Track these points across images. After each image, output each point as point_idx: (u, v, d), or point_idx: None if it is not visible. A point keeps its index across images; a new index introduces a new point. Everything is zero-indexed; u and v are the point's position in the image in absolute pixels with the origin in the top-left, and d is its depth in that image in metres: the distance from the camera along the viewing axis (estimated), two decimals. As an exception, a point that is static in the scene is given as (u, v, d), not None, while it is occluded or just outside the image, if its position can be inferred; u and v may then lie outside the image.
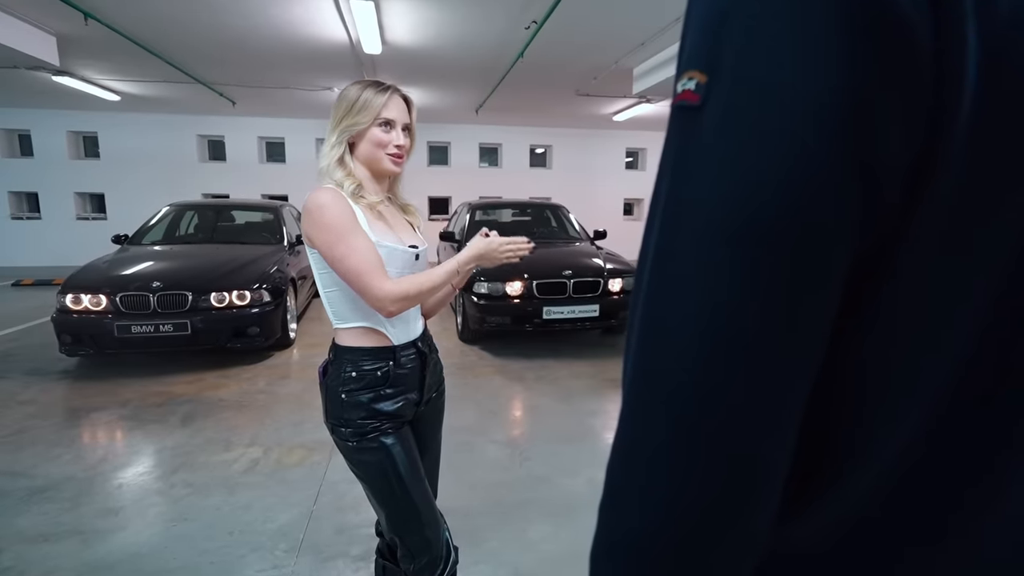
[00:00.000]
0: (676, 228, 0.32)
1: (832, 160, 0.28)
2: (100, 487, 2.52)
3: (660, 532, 0.34)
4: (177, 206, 5.91)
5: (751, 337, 0.30)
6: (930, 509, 0.36)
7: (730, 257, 0.30)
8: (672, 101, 0.33)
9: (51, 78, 6.86)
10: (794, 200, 0.29)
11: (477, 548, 2.03)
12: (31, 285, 8.17)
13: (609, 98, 8.47)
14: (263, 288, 4.34)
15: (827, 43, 0.27)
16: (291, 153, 11.14)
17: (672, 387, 0.32)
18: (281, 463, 2.74)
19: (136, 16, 5.12)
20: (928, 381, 0.34)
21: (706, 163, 0.31)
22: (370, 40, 5.46)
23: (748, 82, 0.29)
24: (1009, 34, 0.28)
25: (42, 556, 2.01)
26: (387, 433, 1.24)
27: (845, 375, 0.34)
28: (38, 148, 10.29)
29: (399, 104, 1.26)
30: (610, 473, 0.36)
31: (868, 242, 0.31)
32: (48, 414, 3.38)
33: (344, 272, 1.17)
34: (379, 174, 1.30)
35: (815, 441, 0.36)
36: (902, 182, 0.29)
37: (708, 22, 0.31)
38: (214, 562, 1.98)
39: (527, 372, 4.26)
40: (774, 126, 0.28)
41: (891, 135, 0.28)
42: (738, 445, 0.32)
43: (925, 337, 0.33)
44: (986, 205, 0.30)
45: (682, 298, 0.32)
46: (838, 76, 0.27)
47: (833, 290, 0.31)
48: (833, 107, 0.27)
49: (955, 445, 0.35)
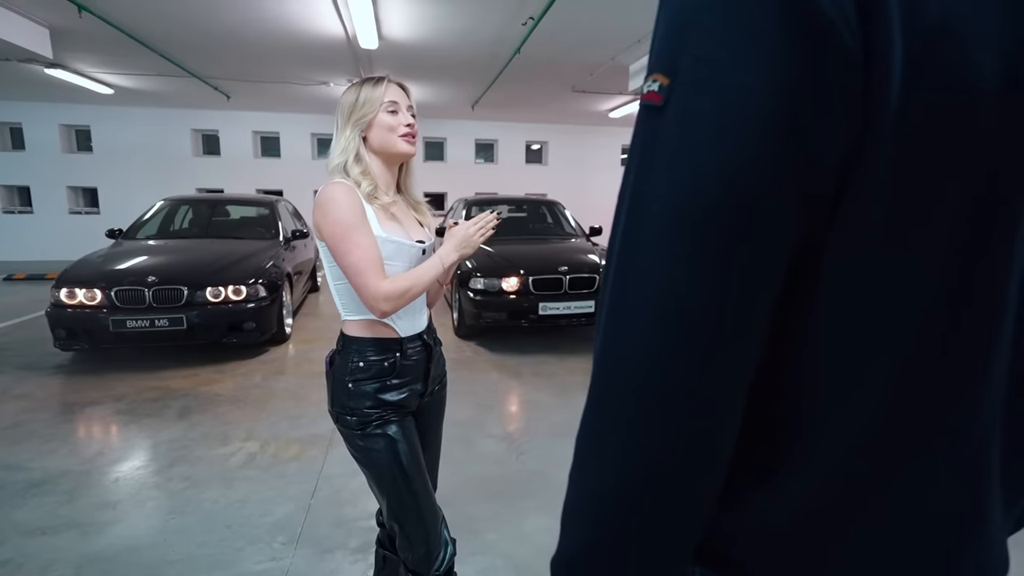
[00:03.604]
0: (639, 217, 0.36)
1: (771, 154, 0.32)
2: (97, 480, 2.52)
3: (620, 496, 0.37)
4: (172, 200, 5.88)
5: (702, 316, 0.34)
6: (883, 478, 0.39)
7: (685, 244, 0.33)
8: (640, 100, 0.37)
9: (43, 71, 6.79)
10: (740, 191, 0.32)
11: (474, 540, 2.05)
12: (23, 279, 8.11)
13: (605, 94, 8.48)
14: (259, 283, 4.33)
15: (766, 50, 0.31)
16: (286, 148, 11.09)
17: (633, 363, 0.36)
18: (278, 457, 2.75)
19: (130, 8, 5.08)
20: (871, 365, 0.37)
21: (665, 157, 0.34)
22: (367, 35, 5.44)
23: (702, 84, 0.33)
24: (934, 39, 0.31)
25: (41, 548, 2.02)
26: (391, 423, 1.26)
27: (794, 359, 0.38)
28: (30, 141, 10.19)
29: (397, 89, 1.29)
30: (578, 442, 0.40)
31: (807, 229, 0.34)
32: (43, 408, 3.37)
33: (345, 267, 1.20)
34: (395, 159, 1.32)
35: (772, 418, 0.39)
36: (835, 174, 0.33)
37: (671, 30, 0.35)
38: (212, 554, 1.99)
39: (523, 367, 4.28)
40: (724, 123, 0.32)
41: (824, 131, 0.32)
42: (690, 417, 0.35)
43: (868, 322, 0.36)
44: (917, 197, 0.33)
45: (643, 282, 0.35)
46: (776, 78, 0.31)
47: (777, 273, 0.34)
48: (772, 106, 0.31)
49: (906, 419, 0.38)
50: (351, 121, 1.25)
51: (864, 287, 0.35)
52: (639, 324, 0.35)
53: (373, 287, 1.17)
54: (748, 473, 0.40)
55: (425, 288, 1.25)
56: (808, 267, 0.35)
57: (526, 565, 1.95)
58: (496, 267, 4.55)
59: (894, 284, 0.35)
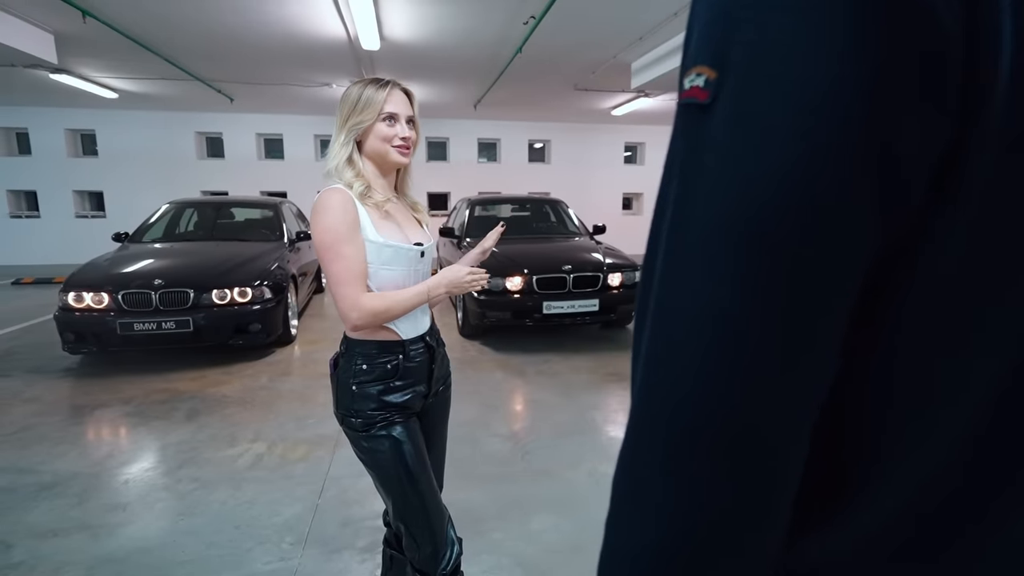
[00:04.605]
0: (687, 235, 0.31)
1: (848, 158, 0.27)
2: (107, 483, 2.55)
3: (665, 548, 0.32)
4: (177, 204, 5.92)
5: (759, 349, 0.29)
6: (951, 530, 0.34)
7: (742, 262, 0.28)
8: (679, 98, 0.31)
9: (49, 76, 6.85)
10: (809, 201, 0.27)
11: (481, 539, 2.06)
12: (31, 284, 8.18)
13: (607, 92, 8.47)
14: (264, 285, 4.36)
15: (841, 34, 0.26)
16: (289, 149, 11.13)
17: (678, 399, 0.31)
18: (285, 458, 2.77)
19: (134, 13, 5.11)
20: (954, 399, 0.32)
21: (718, 163, 0.29)
22: (368, 36, 5.45)
23: (761, 77, 0.28)
24: None
25: (52, 550, 2.04)
26: (396, 424, 1.28)
27: (861, 392, 0.33)
28: (36, 146, 10.27)
29: (400, 97, 1.29)
30: (616, 485, 0.35)
31: (888, 244, 0.29)
32: (53, 412, 3.41)
33: (327, 274, 1.23)
34: (388, 167, 1.34)
35: (833, 456, 0.35)
36: (927, 181, 0.28)
37: (716, 14, 0.30)
38: (222, 555, 2.01)
39: (528, 367, 4.29)
40: (789, 123, 0.27)
41: (913, 131, 0.27)
42: (742, 461, 0.30)
43: (950, 350, 0.31)
44: (1018, 210, 0.28)
45: (690, 310, 0.30)
46: (853, 68, 0.26)
47: (849, 298, 0.29)
48: (848, 102, 0.26)
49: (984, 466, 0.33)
50: (347, 126, 1.27)
51: (954, 302, 0.30)
52: (685, 356, 0.31)
53: (351, 299, 1.20)
54: (812, 506, 0.35)
55: (403, 313, 1.27)
56: (888, 279, 0.30)
57: (532, 564, 1.96)
58: (500, 266, 4.56)
59: (983, 309, 0.30)
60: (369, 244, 1.24)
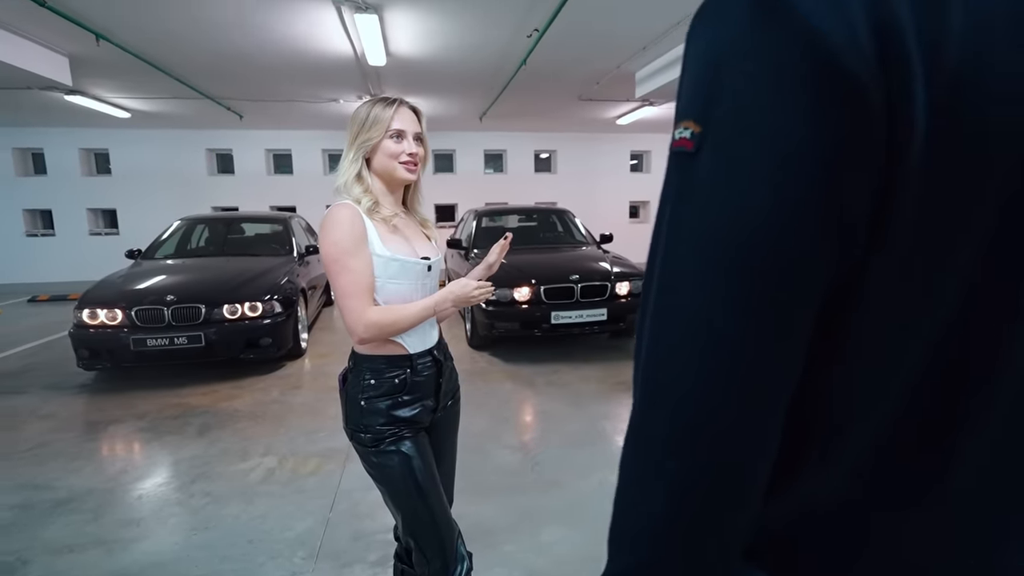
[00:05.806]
0: (677, 258, 0.38)
1: (806, 201, 0.33)
2: (121, 498, 2.58)
3: (663, 523, 0.39)
4: (188, 220, 6.01)
5: (740, 357, 0.36)
6: (897, 488, 0.41)
7: (722, 283, 0.35)
8: (671, 146, 0.39)
9: (63, 97, 6.99)
10: (774, 237, 0.34)
11: (492, 551, 2.06)
12: (47, 301, 8.30)
13: (612, 102, 8.49)
14: (274, 299, 4.40)
15: (796, 103, 0.33)
16: (298, 164, 11.25)
17: (672, 394, 0.38)
18: (297, 472, 2.79)
19: (146, 35, 5.22)
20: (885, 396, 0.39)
21: (700, 202, 0.36)
22: (374, 52, 5.53)
23: (735, 134, 0.34)
24: (956, 91, 0.32)
25: (68, 566, 2.06)
26: (405, 439, 1.29)
27: (819, 388, 0.40)
28: (51, 166, 10.45)
29: (407, 115, 1.32)
30: (622, 470, 0.42)
31: (840, 272, 0.35)
32: (68, 427, 3.45)
33: (334, 288, 1.25)
34: (395, 184, 1.36)
35: (796, 435, 0.41)
36: (867, 221, 0.34)
37: (701, 78, 0.37)
38: (235, 569, 2.02)
39: (537, 377, 4.29)
40: (757, 172, 0.34)
41: (854, 178, 0.33)
42: (735, 439, 0.37)
43: (886, 357, 0.38)
44: (938, 243, 0.35)
45: (681, 322, 0.37)
46: (807, 129, 0.32)
47: (809, 315, 0.36)
48: (805, 156, 0.33)
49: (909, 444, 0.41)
50: (356, 143, 1.30)
51: (894, 307, 0.37)
52: (679, 362, 0.37)
53: (357, 312, 1.22)
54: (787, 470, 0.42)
55: (410, 327, 1.29)
56: (835, 307, 0.37)
57: (544, 575, 1.96)
58: (508, 277, 4.57)
59: (919, 305, 0.37)
60: (376, 258, 1.26)
